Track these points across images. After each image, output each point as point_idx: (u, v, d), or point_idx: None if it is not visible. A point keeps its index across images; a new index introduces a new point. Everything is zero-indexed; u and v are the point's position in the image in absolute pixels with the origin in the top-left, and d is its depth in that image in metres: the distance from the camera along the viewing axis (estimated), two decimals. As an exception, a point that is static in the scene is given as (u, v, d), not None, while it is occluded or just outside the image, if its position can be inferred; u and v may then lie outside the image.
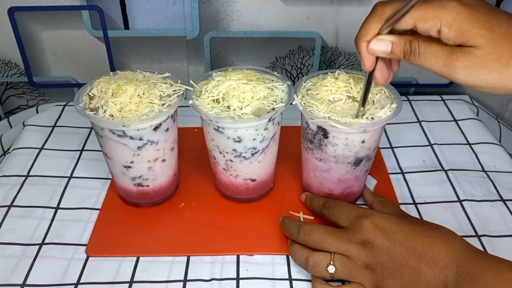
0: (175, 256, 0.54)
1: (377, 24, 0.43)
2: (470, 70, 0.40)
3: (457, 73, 0.40)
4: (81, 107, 0.53)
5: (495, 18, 0.40)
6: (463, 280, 0.42)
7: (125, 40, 0.79)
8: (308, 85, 0.56)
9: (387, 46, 0.43)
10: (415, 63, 0.42)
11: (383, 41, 0.43)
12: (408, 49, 0.42)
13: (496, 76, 0.40)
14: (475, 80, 0.40)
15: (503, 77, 0.40)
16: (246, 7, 0.76)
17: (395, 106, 0.53)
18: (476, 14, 0.40)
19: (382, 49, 0.43)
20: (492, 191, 0.63)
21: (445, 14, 0.40)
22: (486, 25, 0.39)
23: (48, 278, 0.52)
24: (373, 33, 0.44)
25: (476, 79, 0.40)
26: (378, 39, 0.43)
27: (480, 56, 0.39)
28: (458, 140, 0.72)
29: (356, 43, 0.45)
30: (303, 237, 0.50)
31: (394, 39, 0.43)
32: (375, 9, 0.44)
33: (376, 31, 0.43)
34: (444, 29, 0.40)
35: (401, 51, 0.43)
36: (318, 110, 0.52)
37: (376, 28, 0.43)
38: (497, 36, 0.39)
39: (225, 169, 0.58)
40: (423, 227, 0.47)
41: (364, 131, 0.52)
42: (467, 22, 0.39)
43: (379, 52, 0.44)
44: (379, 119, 0.51)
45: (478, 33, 0.39)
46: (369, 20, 0.44)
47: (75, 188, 0.63)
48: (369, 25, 0.44)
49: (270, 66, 0.83)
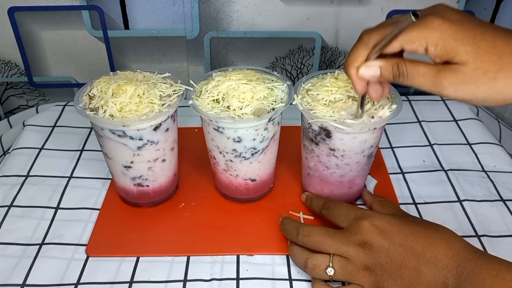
0: (175, 256, 0.54)
1: (364, 50, 0.45)
2: (457, 86, 0.41)
3: (446, 90, 0.41)
4: (81, 107, 0.53)
5: (479, 33, 0.40)
6: (463, 281, 0.42)
7: (125, 40, 0.79)
8: (308, 85, 0.56)
9: (375, 71, 0.45)
10: (405, 84, 0.43)
11: (371, 67, 0.45)
12: (396, 71, 0.43)
13: (484, 90, 0.40)
14: (464, 95, 0.41)
15: (492, 90, 0.40)
16: (246, 7, 0.76)
17: (395, 106, 0.53)
18: (460, 31, 0.40)
19: (372, 74, 0.45)
20: (492, 191, 0.63)
21: (429, 33, 0.41)
22: (471, 41, 0.40)
23: (48, 278, 0.52)
24: (362, 59, 0.45)
25: (465, 94, 0.41)
26: (367, 65, 0.45)
27: (467, 73, 0.40)
28: (458, 140, 0.72)
29: (346, 69, 0.46)
30: (302, 238, 0.50)
31: (382, 63, 0.44)
32: (361, 37, 0.45)
33: (364, 57, 0.45)
34: (430, 47, 0.41)
35: (390, 74, 0.44)
36: (321, 110, 0.52)
37: (364, 55, 0.45)
38: (482, 51, 0.40)
39: (225, 169, 0.58)
40: (422, 227, 0.47)
41: (364, 131, 0.52)
42: (452, 40, 0.40)
43: (369, 77, 0.45)
44: (379, 119, 0.51)
45: (463, 50, 0.40)
46: (356, 47, 0.45)
47: (75, 188, 0.63)
48: (357, 52, 0.45)
49: (270, 66, 0.83)
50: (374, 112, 0.51)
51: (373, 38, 0.44)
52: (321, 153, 0.55)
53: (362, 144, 0.53)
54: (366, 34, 0.45)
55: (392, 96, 0.55)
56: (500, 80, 0.40)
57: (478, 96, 0.41)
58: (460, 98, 0.41)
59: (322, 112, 0.51)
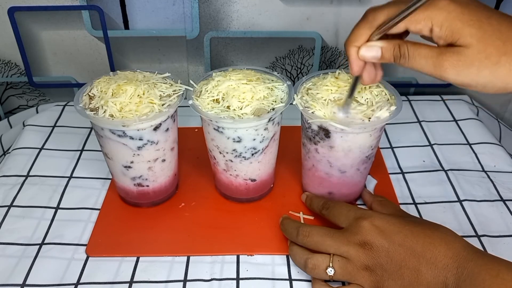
0: (175, 256, 0.54)
1: (367, 30, 0.44)
2: (459, 69, 0.40)
3: (446, 72, 0.41)
4: (81, 107, 0.53)
5: (485, 17, 0.40)
6: (463, 281, 0.42)
7: (125, 40, 0.79)
8: (308, 85, 0.56)
9: (377, 51, 0.44)
10: (406, 66, 0.43)
11: (373, 47, 0.44)
12: (397, 53, 0.43)
13: (486, 74, 0.40)
14: (465, 79, 0.40)
15: (493, 75, 0.40)
16: (246, 7, 0.76)
17: (395, 106, 0.53)
18: (466, 12, 0.40)
19: (373, 55, 0.44)
20: (492, 191, 0.63)
21: (436, 13, 0.40)
22: (476, 24, 0.39)
23: (48, 278, 0.52)
24: (363, 39, 0.44)
25: (466, 78, 0.40)
26: (368, 45, 0.44)
27: (470, 55, 0.40)
28: (458, 140, 0.72)
29: (346, 47, 0.46)
30: (302, 239, 0.50)
31: (383, 44, 0.44)
32: (366, 15, 0.44)
33: (366, 37, 0.44)
34: (435, 28, 0.41)
35: (391, 56, 0.43)
36: (320, 110, 0.52)
37: (366, 34, 0.44)
38: (487, 35, 0.39)
39: (225, 169, 0.58)
40: (422, 227, 0.47)
41: (363, 131, 0.52)
42: (458, 21, 0.40)
43: (369, 57, 0.45)
44: (379, 119, 0.51)
45: (468, 32, 0.39)
46: (359, 26, 0.44)
47: (75, 188, 0.63)
48: (359, 30, 0.44)
49: (270, 66, 0.83)
50: (372, 113, 0.51)
51: (378, 17, 0.43)
52: (321, 153, 0.55)
53: (362, 144, 0.53)
54: (371, 13, 0.44)
55: (392, 96, 0.55)
56: (502, 66, 0.39)
57: (478, 81, 0.40)
58: (461, 82, 0.41)
59: (321, 112, 0.51)
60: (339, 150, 0.54)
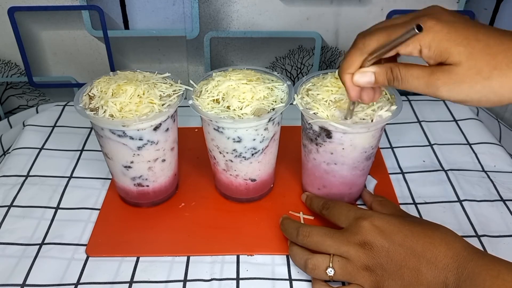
0: (175, 256, 0.54)
1: (359, 57, 0.44)
2: (451, 86, 0.40)
3: (439, 91, 0.41)
4: (81, 107, 0.53)
5: (473, 34, 0.40)
6: (464, 281, 0.42)
7: (125, 40, 0.79)
8: (308, 85, 0.56)
9: (370, 77, 0.44)
10: (400, 88, 0.44)
11: (366, 73, 0.44)
12: (390, 76, 0.43)
13: (478, 89, 0.40)
14: (458, 95, 0.41)
15: (486, 90, 0.40)
16: (246, 7, 0.76)
17: (395, 106, 0.53)
18: (453, 32, 0.40)
19: (366, 81, 0.45)
20: (492, 191, 0.63)
21: (423, 35, 0.41)
22: (464, 42, 0.40)
23: (48, 278, 0.52)
24: (356, 66, 0.45)
25: (459, 95, 0.41)
26: (362, 71, 0.45)
27: (460, 73, 0.40)
28: (458, 140, 0.72)
29: (340, 75, 0.46)
30: (302, 239, 0.50)
31: (376, 69, 0.44)
32: (356, 42, 0.45)
33: (359, 64, 0.45)
34: (424, 49, 0.41)
35: (385, 79, 0.44)
36: (321, 111, 0.52)
37: (358, 61, 0.45)
38: (476, 51, 0.40)
39: (225, 169, 0.58)
40: (422, 227, 0.47)
41: (364, 131, 0.52)
42: (445, 41, 0.40)
43: (363, 83, 0.45)
44: (379, 120, 0.51)
45: (456, 50, 0.40)
46: (351, 54, 0.45)
47: (75, 188, 0.63)
48: (351, 58, 0.45)
49: (270, 66, 0.83)
50: (373, 113, 0.51)
51: (369, 44, 0.44)
52: (321, 153, 0.55)
53: (363, 144, 0.53)
54: (360, 40, 0.44)
55: (392, 96, 0.55)
56: (494, 79, 0.39)
57: (472, 97, 0.41)
58: (454, 98, 0.41)
59: (323, 112, 0.51)
60: (339, 150, 0.54)
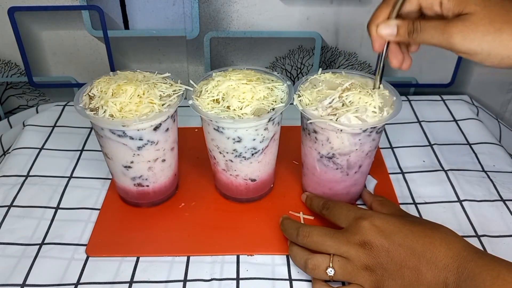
0: (175, 256, 0.54)
1: (386, 9, 0.49)
2: (465, 33, 0.44)
3: (453, 38, 0.44)
4: (81, 107, 0.53)
5: None
6: (464, 281, 0.42)
7: (125, 40, 0.79)
8: (307, 85, 0.56)
9: (393, 28, 0.48)
10: (418, 41, 0.47)
11: (389, 25, 0.48)
12: (411, 27, 0.47)
13: (489, 40, 0.43)
14: (470, 44, 0.44)
15: (497, 41, 0.43)
16: (246, 7, 0.76)
17: (395, 106, 0.53)
18: None
19: (389, 32, 0.49)
20: (492, 191, 0.63)
21: None
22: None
23: (48, 278, 0.52)
24: (383, 17, 0.49)
25: (471, 43, 0.44)
26: (386, 23, 0.49)
27: (474, 21, 0.43)
28: (458, 140, 0.72)
29: (368, 27, 0.50)
30: (302, 239, 0.50)
31: (399, 22, 0.48)
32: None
33: (385, 16, 0.49)
34: (444, 0, 0.45)
35: (405, 31, 0.48)
36: (319, 110, 0.52)
37: (385, 13, 0.49)
38: (491, 3, 0.44)
39: (225, 169, 0.58)
40: (422, 227, 0.47)
41: (364, 131, 0.52)
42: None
43: (386, 34, 0.49)
44: (379, 119, 0.51)
45: (473, 1, 0.44)
46: (379, 7, 0.50)
47: (75, 188, 0.63)
48: (379, 11, 0.49)
49: (270, 66, 0.83)
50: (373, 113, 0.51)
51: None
52: (321, 152, 0.55)
53: (362, 144, 0.53)
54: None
55: (392, 96, 0.55)
56: (505, 32, 0.43)
57: (483, 47, 0.43)
58: (467, 48, 0.44)
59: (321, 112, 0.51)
60: (339, 150, 0.54)
